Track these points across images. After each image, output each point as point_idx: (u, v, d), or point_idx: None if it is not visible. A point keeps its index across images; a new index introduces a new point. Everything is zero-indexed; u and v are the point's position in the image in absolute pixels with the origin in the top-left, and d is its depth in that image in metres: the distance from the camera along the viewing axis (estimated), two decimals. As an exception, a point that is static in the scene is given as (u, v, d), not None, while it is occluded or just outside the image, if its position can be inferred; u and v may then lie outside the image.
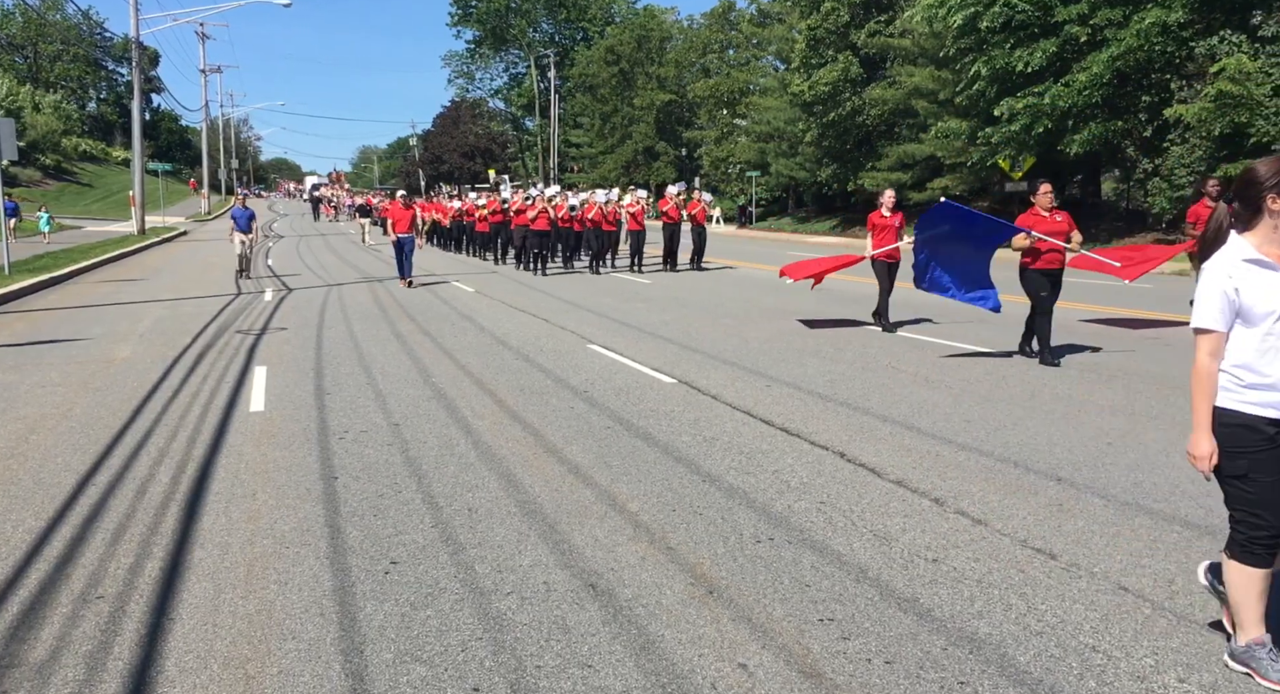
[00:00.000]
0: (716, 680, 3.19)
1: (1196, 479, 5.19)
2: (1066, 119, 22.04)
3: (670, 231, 20.60)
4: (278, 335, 11.62)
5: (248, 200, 22.49)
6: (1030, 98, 22.12)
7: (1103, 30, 21.44)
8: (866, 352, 9.64)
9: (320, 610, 3.77)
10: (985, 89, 23.51)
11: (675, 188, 22.18)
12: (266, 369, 9.24)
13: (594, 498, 5.17)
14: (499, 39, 78.60)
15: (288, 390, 8.24)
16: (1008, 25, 22.36)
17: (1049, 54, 21.91)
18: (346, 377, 8.84)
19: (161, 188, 47.72)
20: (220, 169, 76.77)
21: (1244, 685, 3.07)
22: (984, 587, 3.88)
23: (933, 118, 28.28)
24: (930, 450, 5.93)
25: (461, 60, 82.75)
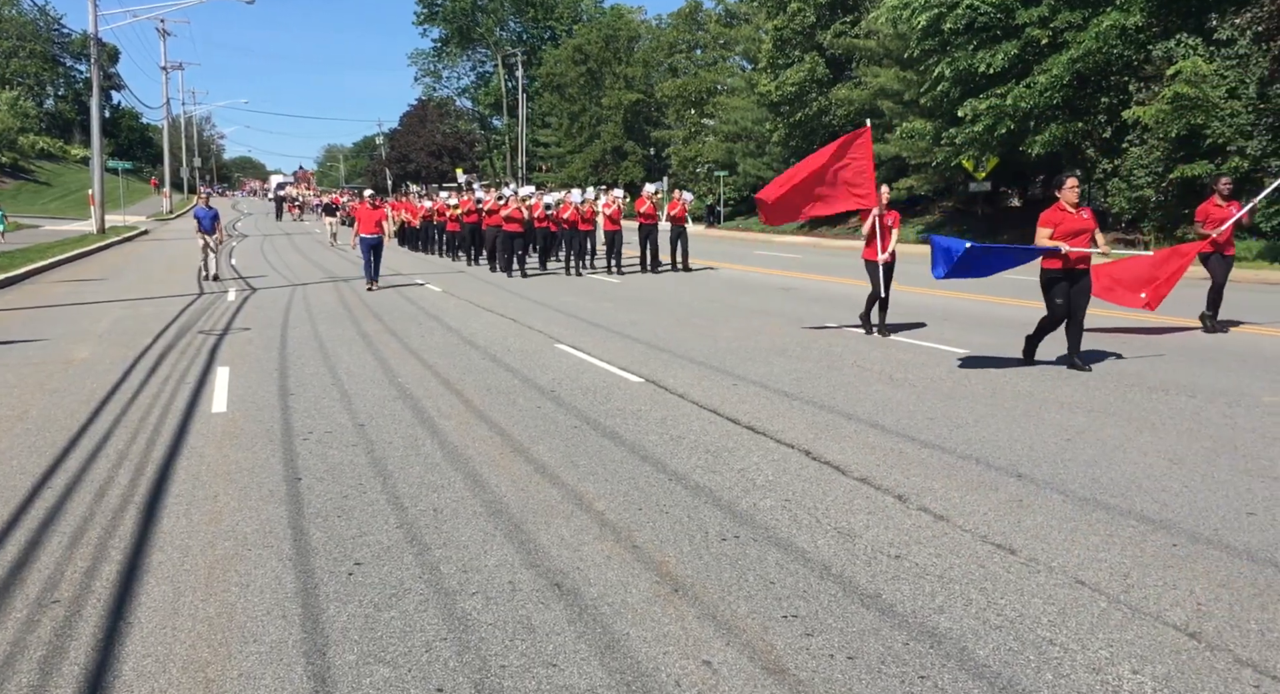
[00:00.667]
0: (681, 678, 3.20)
1: (1153, 474, 5.29)
2: (1028, 120, 22.33)
3: (647, 232, 20.14)
4: (241, 336, 11.49)
5: (211, 199, 21.73)
6: (993, 99, 22.38)
7: (1063, 33, 21.75)
8: (832, 351, 9.71)
9: (283, 612, 3.74)
10: (949, 90, 23.76)
11: (653, 187, 21.66)
12: (229, 370, 9.13)
13: (560, 497, 5.16)
14: (466, 38, 78.16)
15: (250, 391, 8.15)
16: (970, 27, 22.61)
17: (1010, 56, 22.18)
18: (311, 377, 8.76)
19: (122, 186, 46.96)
20: (182, 167, 75.66)
21: (1195, 677, 3.13)
22: (945, 582, 3.93)
23: (898, 118, 28.54)
24: (894, 448, 5.98)
25: (428, 59, 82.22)
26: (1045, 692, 3.06)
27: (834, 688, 3.12)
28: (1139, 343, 9.71)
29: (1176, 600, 3.68)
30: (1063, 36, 21.77)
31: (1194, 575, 3.90)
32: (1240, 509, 4.68)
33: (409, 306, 14.47)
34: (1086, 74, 21.76)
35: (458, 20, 76.52)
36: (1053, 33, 21.86)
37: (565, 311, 13.56)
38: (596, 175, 54.23)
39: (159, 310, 14.14)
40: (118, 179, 46.73)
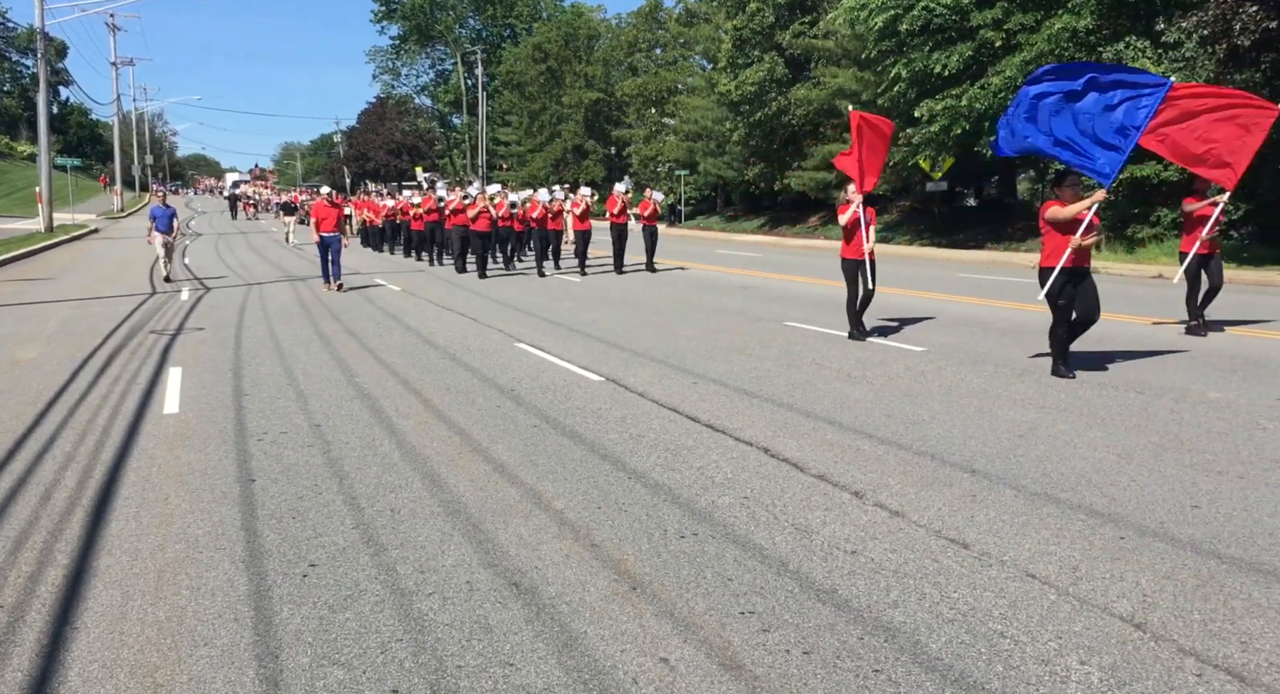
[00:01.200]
0: (638, 675, 3.21)
1: (1102, 468, 5.39)
2: (983, 121, 22.61)
3: (618, 232, 19.60)
4: (194, 335, 11.30)
5: (167, 198, 21.06)
6: (948, 100, 22.65)
7: (1016, 35, 22.07)
8: (791, 349, 9.78)
9: (235, 615, 3.69)
10: (906, 91, 24.00)
11: (623, 185, 21.09)
12: (181, 370, 8.98)
13: (519, 496, 5.15)
14: (424, 35, 77.52)
15: (204, 391, 8.03)
16: (926, 28, 22.87)
17: (965, 57, 22.46)
18: (266, 377, 8.64)
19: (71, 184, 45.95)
20: (134, 165, 74.20)
21: (1140, 667, 3.20)
22: (900, 577, 3.98)
23: (856, 118, 28.75)
24: (851, 445, 6.04)
25: (386, 56, 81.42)
26: (995, 683, 3.11)
27: (790, 683, 3.14)
28: (1091, 343, 9.89)
29: (1123, 592, 3.76)
30: (1016, 38, 22.10)
31: (1140, 568, 3.99)
32: (1185, 502, 4.78)
33: (367, 306, 14.33)
34: (1039, 76, 22.10)
35: (416, 18, 75.88)
36: (1006, 35, 22.17)
37: (526, 310, 13.51)
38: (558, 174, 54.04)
39: (109, 310, 13.86)
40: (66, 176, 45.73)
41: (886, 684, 3.12)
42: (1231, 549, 4.15)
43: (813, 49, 32.69)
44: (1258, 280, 15.67)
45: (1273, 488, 4.96)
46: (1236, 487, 5.00)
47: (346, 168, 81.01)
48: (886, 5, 23.21)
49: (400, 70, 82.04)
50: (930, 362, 8.95)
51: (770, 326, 11.43)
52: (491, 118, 69.44)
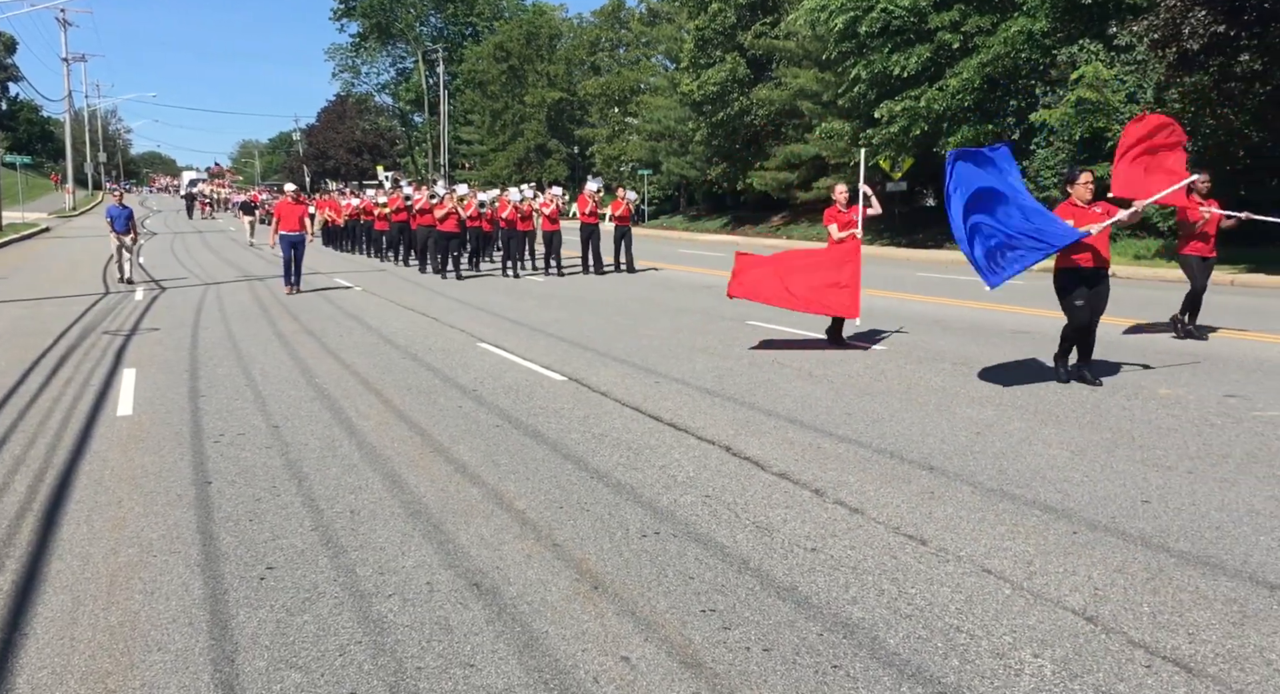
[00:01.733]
0: (599, 674, 3.21)
1: (1056, 465, 5.49)
2: (941, 122, 22.93)
3: (589, 232, 19.17)
4: (149, 336, 11.11)
5: (124, 196, 20.03)
6: (907, 101, 22.92)
7: (973, 37, 22.39)
8: (754, 348, 9.83)
9: (189, 620, 3.64)
10: (865, 92, 24.24)
11: (594, 184, 20.32)
12: (136, 371, 8.83)
13: (481, 496, 5.13)
14: (385, 33, 76.80)
15: (159, 393, 7.90)
16: (885, 30, 23.11)
17: (924, 59, 22.74)
18: (223, 378, 8.52)
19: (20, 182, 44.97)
20: (86, 163, 72.76)
21: (1092, 659, 3.26)
22: (859, 573, 4.02)
23: (817, 119, 28.99)
24: (812, 443, 6.09)
25: (346, 54, 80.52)
26: (951, 677, 3.16)
27: (750, 680, 3.17)
28: (1045, 342, 10.05)
29: (1075, 586, 3.83)
30: (973, 41, 22.42)
31: (1092, 562, 4.07)
32: (1136, 497, 4.88)
33: (327, 305, 14.18)
34: (996, 77, 22.44)
35: (376, 15, 75.15)
36: (963, 37, 22.48)
37: (488, 310, 13.46)
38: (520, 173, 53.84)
39: (61, 310, 13.59)
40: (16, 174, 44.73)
41: (845, 680, 3.15)
42: (1180, 543, 4.25)
43: (774, 49, 32.89)
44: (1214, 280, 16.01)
45: (1220, 483, 5.08)
46: (1185, 482, 5.11)
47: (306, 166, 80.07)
48: (846, 7, 23.43)
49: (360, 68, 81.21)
50: (890, 360, 9.04)
51: (733, 326, 11.48)
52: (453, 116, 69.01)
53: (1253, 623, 3.47)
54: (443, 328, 11.71)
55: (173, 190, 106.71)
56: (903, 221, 28.28)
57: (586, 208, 19.23)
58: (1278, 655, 3.23)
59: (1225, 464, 5.41)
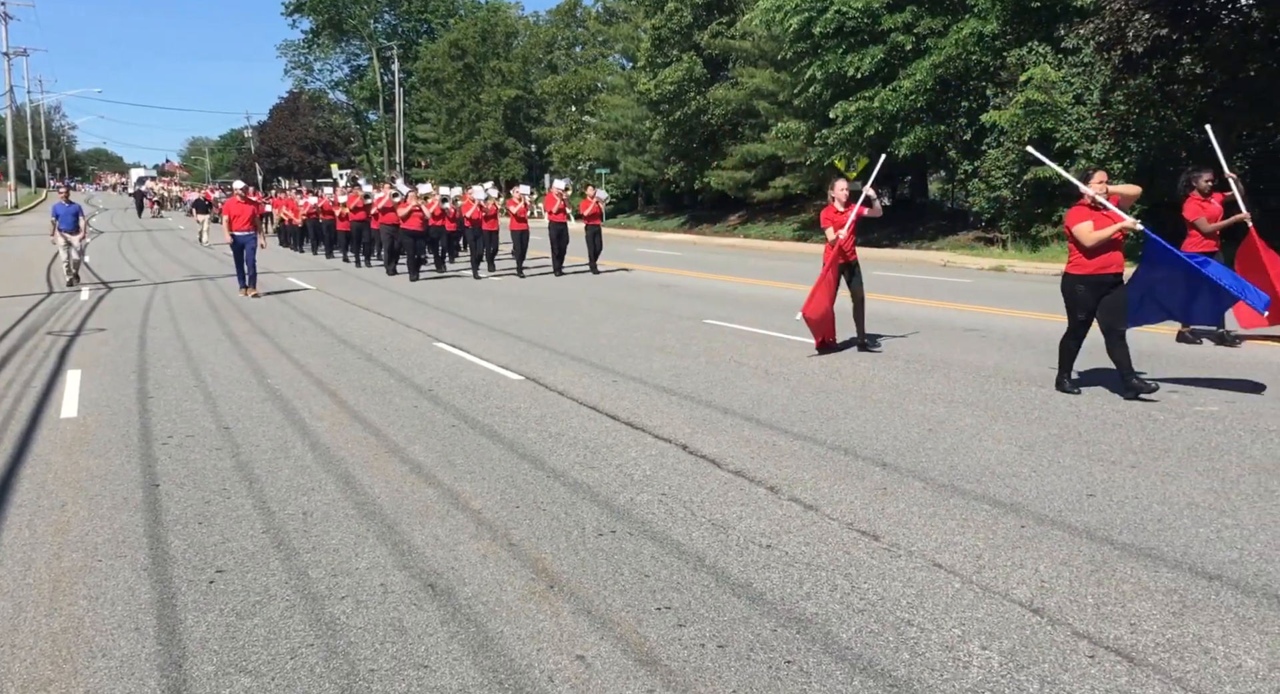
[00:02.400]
0: (554, 674, 3.21)
1: (1005, 460, 5.58)
2: (895, 122, 23.17)
3: (558, 232, 18.58)
4: (95, 336, 10.88)
5: (72, 193, 19.06)
6: (861, 101, 23.13)
7: (925, 39, 22.67)
8: (711, 346, 9.87)
9: (135, 625, 3.57)
10: (821, 92, 24.42)
11: (562, 183, 19.88)
12: (81, 372, 8.64)
13: (436, 497, 5.10)
14: (337, 29, 75.82)
15: (105, 394, 7.74)
16: (840, 31, 23.30)
17: (877, 60, 22.97)
18: (172, 379, 8.37)
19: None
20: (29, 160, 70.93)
21: (1037, 650, 3.33)
22: (813, 569, 4.06)
23: (773, 118, 29.17)
24: (768, 441, 6.13)
25: (298, 50, 79.37)
26: (902, 670, 3.20)
27: (704, 676, 3.19)
28: (995, 339, 10.22)
29: (1023, 579, 3.90)
30: (925, 42, 22.69)
31: (1039, 555, 4.15)
32: (1081, 491, 4.99)
33: (280, 305, 13.98)
34: (948, 79, 22.74)
35: (328, 11, 74.16)
36: (916, 38, 22.75)
37: (445, 309, 13.36)
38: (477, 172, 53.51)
39: (2, 311, 13.25)
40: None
41: (798, 674, 3.19)
42: (1123, 535, 4.35)
43: (730, 49, 33.03)
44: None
45: (1161, 476, 5.21)
46: (1129, 475, 5.23)
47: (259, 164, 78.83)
48: (801, 7, 23.58)
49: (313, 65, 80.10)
50: (844, 358, 9.13)
51: (690, 325, 11.52)
52: (409, 114, 68.39)
53: (1191, 613, 3.56)
54: (399, 327, 11.61)
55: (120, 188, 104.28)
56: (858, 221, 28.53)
57: (555, 206, 18.74)
58: (1215, 644, 3.32)
59: (1167, 458, 5.54)
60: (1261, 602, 3.63)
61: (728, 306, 13.24)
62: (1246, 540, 4.24)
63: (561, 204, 18.68)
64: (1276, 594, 3.69)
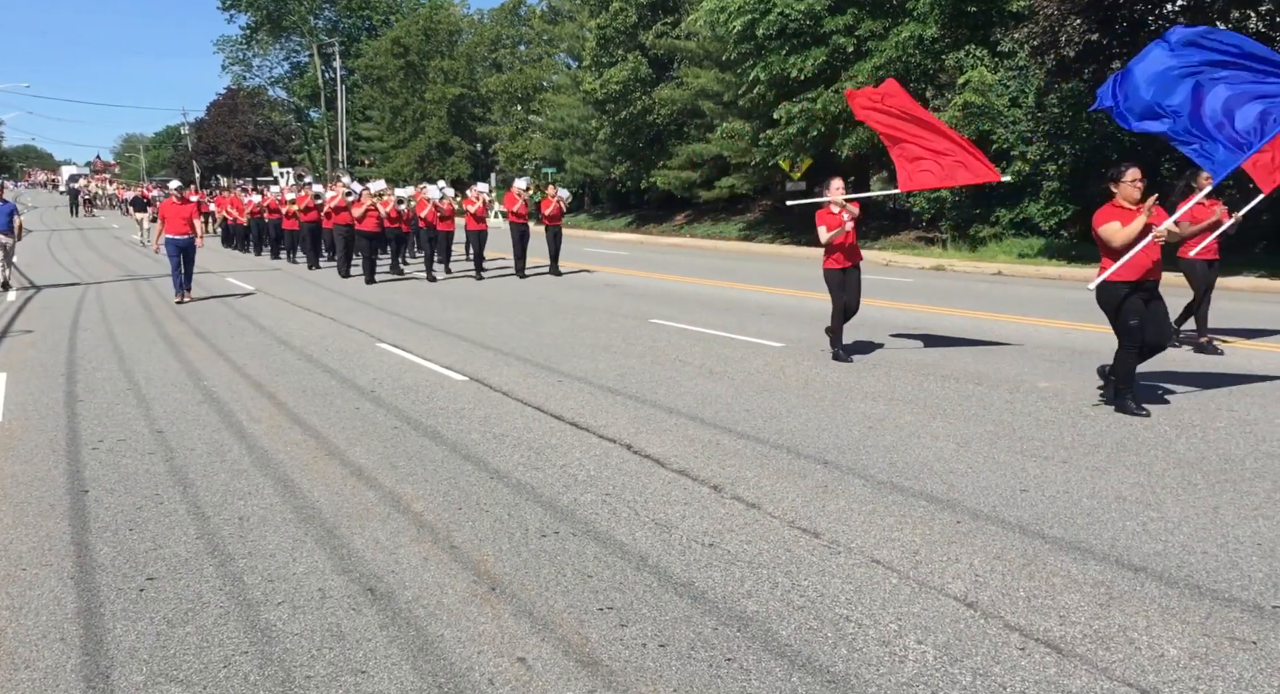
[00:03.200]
0: (495, 676, 3.19)
1: (943, 457, 5.69)
2: (838, 123, 23.45)
3: (520, 232, 17.95)
4: (21, 338, 10.55)
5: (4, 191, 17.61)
6: (805, 102, 23.38)
7: (866, 41, 22.99)
8: (656, 346, 9.90)
9: (61, 635, 3.47)
10: (765, 93, 24.62)
11: (523, 182, 18.99)
12: (6, 375, 8.38)
13: (377, 500, 5.04)
14: (276, 25, 74.38)
15: (32, 398, 7.51)
16: (783, 33, 23.52)
17: (820, 62, 23.24)
18: (104, 381, 8.15)
19: (-121, 174, 42.07)
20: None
21: (971, 644, 3.40)
22: (754, 567, 4.09)
23: (718, 118, 29.33)
24: (712, 440, 6.17)
25: (236, 46, 77.72)
26: (840, 666, 3.25)
27: (645, 676, 3.20)
28: (936, 339, 10.40)
29: (958, 574, 3.98)
30: (866, 45, 23.01)
31: (973, 550, 4.23)
32: (1015, 487, 5.10)
33: (220, 307, 13.69)
34: (889, 81, 23.10)
35: (266, 6, 72.73)
36: (857, 41, 23.05)
37: (387, 309, 13.20)
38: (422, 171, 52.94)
39: (-76, 312, 12.78)
40: (-126, 166, 41.84)
41: (738, 672, 3.21)
42: (1054, 530, 4.46)
43: (675, 49, 33.13)
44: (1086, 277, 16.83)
45: (1091, 471, 5.35)
46: (1060, 471, 5.37)
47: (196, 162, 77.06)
48: (744, 9, 23.75)
49: (252, 62, 78.41)
50: (788, 357, 9.22)
51: (636, 324, 11.54)
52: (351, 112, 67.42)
53: (1118, 604, 3.66)
54: (341, 328, 11.44)
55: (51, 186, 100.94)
56: (802, 221, 28.85)
57: (515, 206, 18.14)
58: (1140, 634, 3.42)
59: (1097, 453, 5.70)
60: (1184, 592, 3.75)
61: (673, 306, 13.29)
62: (1170, 533, 4.38)
63: (522, 204, 18.13)
64: (1198, 585, 3.82)
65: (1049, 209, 19.63)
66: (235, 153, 74.20)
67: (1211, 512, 4.64)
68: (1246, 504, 4.74)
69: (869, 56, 22.72)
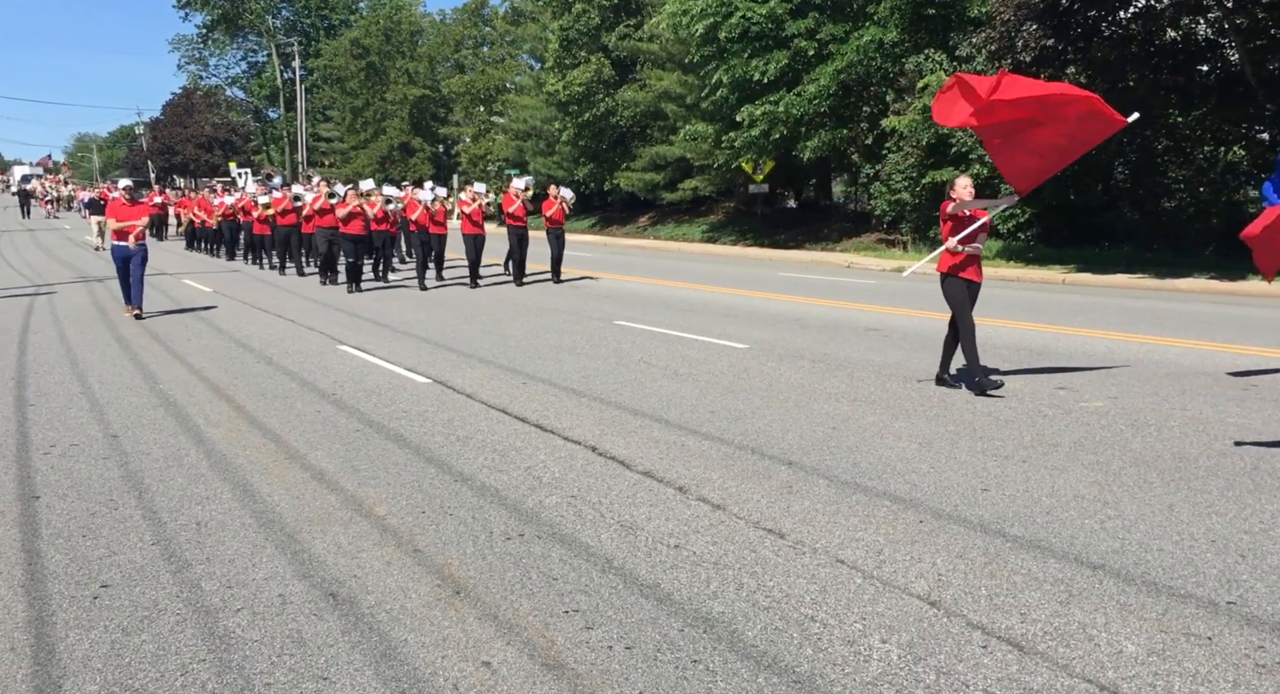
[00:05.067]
0: (459, 681, 3.16)
1: (905, 457, 5.74)
2: (799, 126, 23.62)
3: (519, 236, 16.65)
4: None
5: None
6: (767, 105, 23.50)
7: (828, 45, 23.18)
8: (621, 348, 9.89)
9: (11, 644, 3.39)
10: (727, 96, 24.72)
11: (522, 182, 17.69)
12: (-46, 380, 8.16)
13: (339, 503, 4.97)
14: (233, 24, 73.32)
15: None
16: (745, 36, 23.64)
17: (781, 65, 23.38)
18: (55, 386, 7.97)
19: None
20: (-103, 153, 66.60)
21: (934, 642, 3.43)
22: (719, 568, 4.09)
23: (681, 121, 29.41)
24: (677, 441, 6.17)
25: (192, 45, 76.51)
26: (805, 666, 3.26)
27: (611, 678, 3.18)
28: (897, 338, 10.50)
29: (921, 573, 4.01)
30: (828, 48, 23.20)
31: (936, 549, 4.27)
32: (976, 486, 5.16)
33: (175, 310, 13.45)
34: (850, 84, 23.28)
35: (222, 5, 71.66)
36: (819, 44, 23.23)
37: (348, 311, 13.06)
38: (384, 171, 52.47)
39: None
40: None
41: (704, 674, 3.21)
42: (1015, 528, 4.51)
43: (638, 52, 33.18)
44: (1043, 279, 17.09)
45: (1050, 470, 5.42)
46: (1020, 470, 5.44)
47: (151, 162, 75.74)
48: (707, 12, 23.84)
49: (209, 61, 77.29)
50: (752, 358, 9.26)
51: (600, 325, 11.52)
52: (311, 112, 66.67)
53: (1077, 601, 3.72)
54: (301, 330, 11.30)
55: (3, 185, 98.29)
56: (765, 223, 29.01)
57: (512, 207, 16.69)
58: (1099, 631, 3.47)
59: (1056, 453, 5.78)
60: (1141, 589, 3.81)
61: (637, 307, 13.29)
62: (1127, 530, 4.45)
63: (521, 204, 16.79)
64: (1155, 582, 3.88)
65: (1006, 212, 19.90)
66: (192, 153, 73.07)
67: (1167, 509, 4.73)
68: (1200, 501, 4.83)
69: (830, 60, 22.91)
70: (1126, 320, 11.44)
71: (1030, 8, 16.38)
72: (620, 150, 35.57)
